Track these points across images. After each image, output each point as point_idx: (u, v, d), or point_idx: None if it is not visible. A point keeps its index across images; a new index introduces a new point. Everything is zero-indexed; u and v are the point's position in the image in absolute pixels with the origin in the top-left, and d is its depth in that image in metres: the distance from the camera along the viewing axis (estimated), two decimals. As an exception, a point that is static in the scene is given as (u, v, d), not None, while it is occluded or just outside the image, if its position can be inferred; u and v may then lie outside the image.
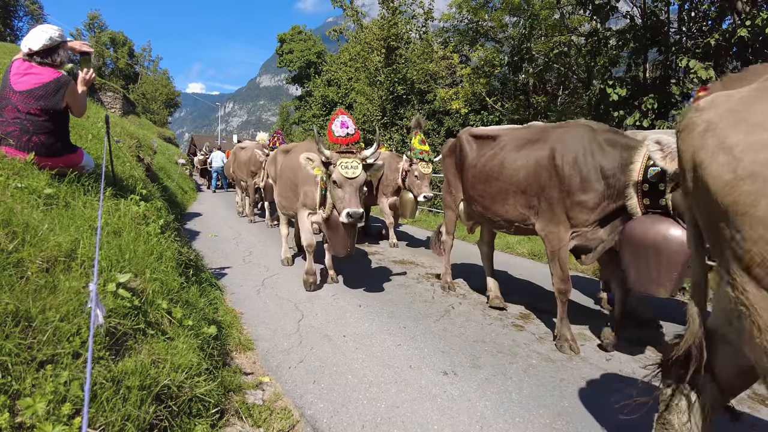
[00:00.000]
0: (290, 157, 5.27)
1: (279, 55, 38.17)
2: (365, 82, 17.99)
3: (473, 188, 4.05)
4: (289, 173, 5.10)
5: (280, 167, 5.51)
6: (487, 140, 4.08)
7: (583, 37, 11.51)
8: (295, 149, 5.31)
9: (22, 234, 2.06)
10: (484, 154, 3.97)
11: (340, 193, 4.01)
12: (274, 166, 5.95)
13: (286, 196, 5.22)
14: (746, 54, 7.68)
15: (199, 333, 2.49)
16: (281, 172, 5.42)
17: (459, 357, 3.20)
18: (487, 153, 3.93)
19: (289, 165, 5.16)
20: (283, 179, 5.29)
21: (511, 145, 3.74)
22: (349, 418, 2.41)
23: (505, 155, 3.70)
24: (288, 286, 4.81)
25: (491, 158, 3.84)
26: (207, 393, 2.02)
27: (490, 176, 3.80)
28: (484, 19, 15.16)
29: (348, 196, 3.97)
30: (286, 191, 5.21)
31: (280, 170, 5.47)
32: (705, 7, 8.62)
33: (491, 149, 3.92)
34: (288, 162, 5.25)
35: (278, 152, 5.94)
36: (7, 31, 32.63)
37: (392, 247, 7.23)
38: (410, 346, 3.35)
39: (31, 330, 1.58)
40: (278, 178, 5.57)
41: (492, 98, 13.97)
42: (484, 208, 3.95)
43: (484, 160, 3.92)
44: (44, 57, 3.23)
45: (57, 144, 3.29)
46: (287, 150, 5.66)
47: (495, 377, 2.92)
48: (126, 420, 1.55)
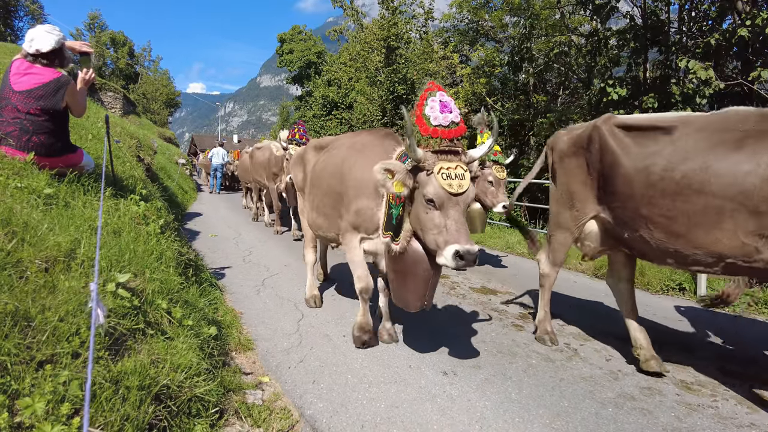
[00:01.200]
0: (331, 156, 3.71)
1: (279, 55, 38.16)
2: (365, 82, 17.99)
3: (647, 205, 2.79)
4: (329, 179, 3.55)
5: (313, 170, 3.97)
6: (651, 133, 2.89)
7: (583, 37, 11.50)
8: (336, 145, 3.82)
9: (22, 234, 2.06)
10: (658, 153, 2.78)
11: (439, 219, 2.57)
12: (301, 167, 4.35)
13: (324, 212, 3.67)
14: (746, 54, 7.67)
15: (199, 333, 2.49)
16: (315, 178, 3.87)
17: (459, 357, 3.19)
18: (665, 152, 2.75)
19: (328, 168, 3.62)
20: (320, 188, 3.74)
21: (713, 140, 2.61)
22: (348, 417, 2.41)
23: (710, 156, 2.57)
24: (288, 286, 4.81)
25: (681, 160, 2.66)
26: (206, 393, 2.02)
27: (685, 187, 2.62)
28: (484, 19, 15.15)
29: (453, 224, 2.54)
30: (324, 205, 3.66)
31: (314, 174, 3.92)
32: (705, 7, 8.61)
33: (670, 146, 2.75)
34: (327, 163, 3.70)
35: (309, 149, 4.31)
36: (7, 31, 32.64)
37: None
38: (410, 346, 3.35)
39: (30, 330, 1.58)
40: (310, 185, 4.01)
41: (492, 98, 13.96)
42: (668, 236, 2.72)
43: (663, 163, 2.73)
44: (51, 59, 3.24)
45: (57, 144, 3.30)
46: (322, 146, 4.10)
47: (495, 377, 2.92)
48: (125, 420, 1.55)
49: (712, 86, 7.31)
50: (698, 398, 2.74)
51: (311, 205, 3.96)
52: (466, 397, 2.65)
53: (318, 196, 3.78)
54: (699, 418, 2.52)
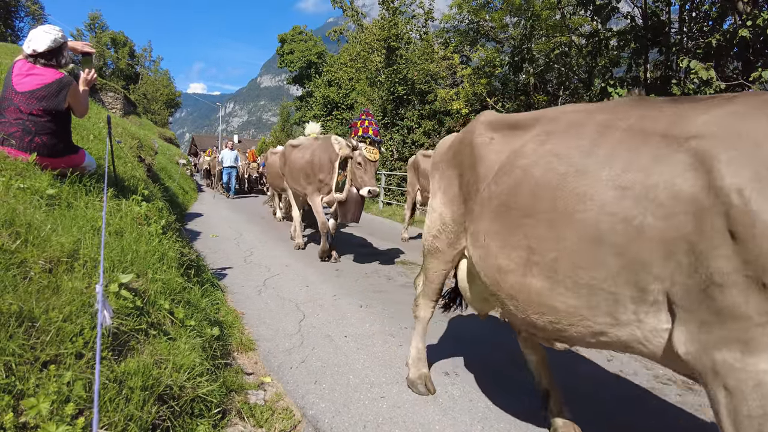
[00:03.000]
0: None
1: (280, 56, 38.21)
2: (366, 82, 18.02)
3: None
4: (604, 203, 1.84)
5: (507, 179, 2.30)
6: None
7: (583, 37, 11.51)
8: None
9: (25, 234, 2.07)
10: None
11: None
12: (457, 175, 2.71)
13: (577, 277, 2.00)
14: (747, 54, 7.68)
15: (202, 333, 2.49)
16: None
17: (460, 357, 3.20)
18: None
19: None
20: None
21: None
22: (350, 418, 2.41)
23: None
24: (289, 287, 4.82)
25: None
26: (209, 393, 2.02)
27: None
28: (484, 19, 15.15)
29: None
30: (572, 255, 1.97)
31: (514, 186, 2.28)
32: (706, 8, 8.62)
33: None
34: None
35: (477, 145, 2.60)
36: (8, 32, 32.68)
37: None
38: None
39: (34, 330, 1.58)
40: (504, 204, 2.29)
41: (493, 98, 13.96)
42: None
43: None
44: (49, 59, 3.24)
45: (59, 145, 3.30)
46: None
47: (495, 377, 2.92)
48: (129, 420, 1.55)
49: (713, 86, 7.31)
50: (700, 398, 2.75)
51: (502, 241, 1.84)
52: (468, 398, 2.65)
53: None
54: (701, 419, 2.52)
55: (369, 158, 5.43)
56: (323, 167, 6.03)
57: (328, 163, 5.95)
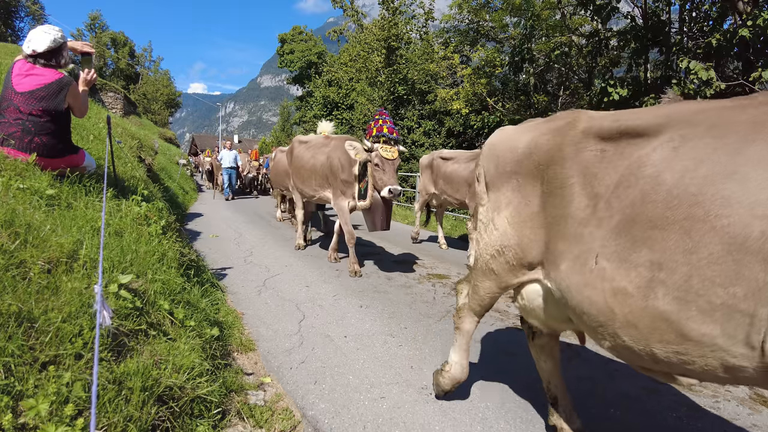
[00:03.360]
0: None
1: (280, 56, 38.18)
2: (366, 82, 18.02)
3: None
4: None
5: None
6: None
7: (584, 37, 11.51)
8: None
9: (25, 235, 2.07)
10: None
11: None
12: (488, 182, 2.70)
13: None
14: (747, 54, 7.68)
15: (201, 334, 2.49)
16: None
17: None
18: None
19: None
20: None
21: None
22: (350, 418, 2.41)
23: None
24: (289, 287, 4.82)
25: None
26: (209, 394, 2.02)
27: None
28: (484, 19, 15.17)
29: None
30: None
31: None
32: (706, 8, 8.63)
33: None
34: None
35: None
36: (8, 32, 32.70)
37: None
38: (411, 347, 3.35)
39: (33, 331, 1.58)
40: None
41: (493, 98, 13.96)
42: None
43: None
44: (49, 59, 3.24)
45: (59, 145, 3.30)
46: None
47: (496, 377, 2.92)
48: (128, 421, 1.55)
49: (713, 87, 7.31)
50: (700, 399, 2.74)
51: (619, 260, 1.68)
52: (467, 398, 2.65)
53: None
54: (700, 419, 2.52)
55: (386, 157, 5.01)
56: (344, 167, 5.50)
57: (347, 163, 5.45)
